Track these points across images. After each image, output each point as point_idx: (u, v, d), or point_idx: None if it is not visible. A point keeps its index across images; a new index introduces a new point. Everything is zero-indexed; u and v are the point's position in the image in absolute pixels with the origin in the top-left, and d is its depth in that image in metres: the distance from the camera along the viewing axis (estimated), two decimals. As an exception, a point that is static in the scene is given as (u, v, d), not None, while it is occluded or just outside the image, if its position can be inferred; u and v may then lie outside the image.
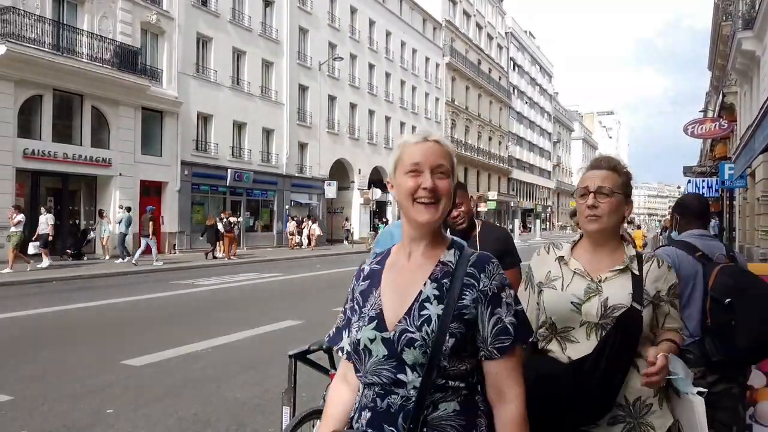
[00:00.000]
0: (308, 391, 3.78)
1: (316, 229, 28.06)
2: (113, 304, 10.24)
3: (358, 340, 1.38)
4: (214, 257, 20.14)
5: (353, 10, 34.72)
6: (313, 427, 2.83)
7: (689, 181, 33.20)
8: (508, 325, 1.35)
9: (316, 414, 2.69)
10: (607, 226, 1.80)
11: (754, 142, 17.25)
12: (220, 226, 20.68)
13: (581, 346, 1.75)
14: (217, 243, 20.67)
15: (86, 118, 19.33)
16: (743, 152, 20.52)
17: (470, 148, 49.26)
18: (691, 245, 2.80)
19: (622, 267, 1.79)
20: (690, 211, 2.96)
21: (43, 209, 16.21)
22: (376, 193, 34.49)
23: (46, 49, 17.38)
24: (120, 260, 17.39)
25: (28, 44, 16.79)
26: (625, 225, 2.32)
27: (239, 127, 26.47)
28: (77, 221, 19.90)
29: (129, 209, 18.28)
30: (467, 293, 1.35)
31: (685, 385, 1.68)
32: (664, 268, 1.83)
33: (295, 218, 28.34)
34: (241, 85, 26.42)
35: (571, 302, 1.77)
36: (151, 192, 21.89)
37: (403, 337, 1.32)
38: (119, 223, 17.89)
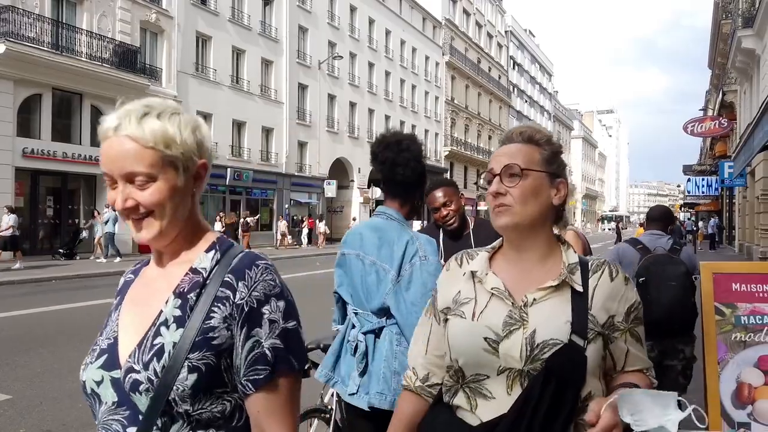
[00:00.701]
0: (306, 390, 3.78)
1: (321, 227, 28.11)
2: (113, 303, 10.22)
3: (84, 383, 1.05)
4: None
5: (353, 9, 34.70)
6: (311, 426, 2.83)
7: (689, 180, 33.29)
8: (267, 351, 1.01)
9: (314, 413, 2.70)
10: (523, 218, 1.24)
11: (753, 140, 17.26)
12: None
13: (498, 404, 1.20)
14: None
15: (85, 117, 19.35)
16: (743, 150, 20.53)
17: (470, 147, 49.25)
18: (635, 240, 3.67)
19: (556, 282, 1.22)
20: (650, 217, 3.84)
21: (5, 208, 15.23)
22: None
23: (46, 48, 17.37)
24: (119, 259, 17.38)
25: (27, 43, 16.78)
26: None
27: (239, 126, 26.47)
28: (77, 220, 19.91)
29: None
30: (217, 309, 1.02)
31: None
32: (620, 281, 1.26)
33: (295, 217, 28.35)
34: (240, 84, 26.42)
35: (485, 338, 1.21)
36: (150, 191, 21.89)
37: (128, 378, 1.00)
38: (106, 222, 17.81)
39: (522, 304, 1.22)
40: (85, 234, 19.18)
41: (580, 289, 1.23)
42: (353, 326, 2.26)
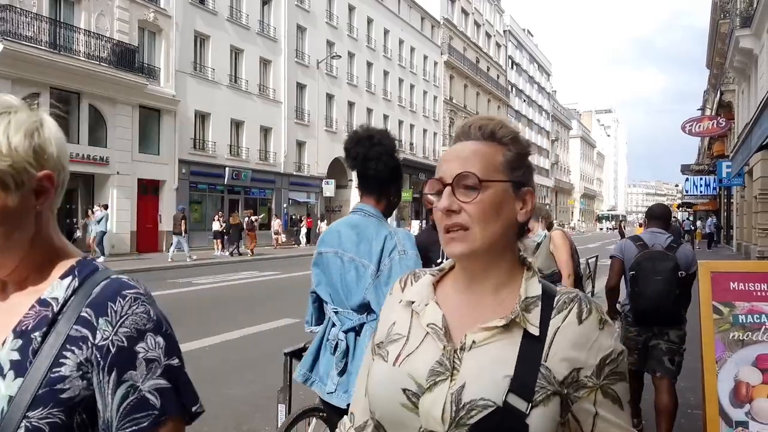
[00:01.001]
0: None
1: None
2: None
3: None
4: (239, 254, 21.63)
5: (351, 8, 34.68)
6: (309, 425, 2.83)
7: (687, 179, 33.35)
8: (149, 394, 0.83)
9: (312, 412, 2.70)
10: (482, 242, 0.93)
11: (751, 139, 17.31)
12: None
13: None
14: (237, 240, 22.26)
15: (83, 117, 19.30)
16: (741, 150, 20.58)
17: (468, 147, 49.31)
18: (637, 237, 3.90)
19: (503, 323, 0.91)
20: (650, 215, 4.02)
21: None
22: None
23: (44, 48, 17.33)
24: (102, 258, 17.34)
25: (25, 42, 16.75)
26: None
27: (237, 125, 26.45)
28: (74, 220, 19.90)
29: (106, 207, 18.29)
30: (69, 354, 0.82)
31: None
32: (592, 324, 0.92)
33: (293, 216, 28.33)
34: (238, 84, 26.39)
35: (404, 390, 0.92)
36: (149, 190, 21.90)
37: None
38: (98, 222, 17.77)
39: (459, 347, 0.92)
40: (79, 233, 19.21)
41: (535, 332, 0.90)
42: (333, 325, 2.26)
